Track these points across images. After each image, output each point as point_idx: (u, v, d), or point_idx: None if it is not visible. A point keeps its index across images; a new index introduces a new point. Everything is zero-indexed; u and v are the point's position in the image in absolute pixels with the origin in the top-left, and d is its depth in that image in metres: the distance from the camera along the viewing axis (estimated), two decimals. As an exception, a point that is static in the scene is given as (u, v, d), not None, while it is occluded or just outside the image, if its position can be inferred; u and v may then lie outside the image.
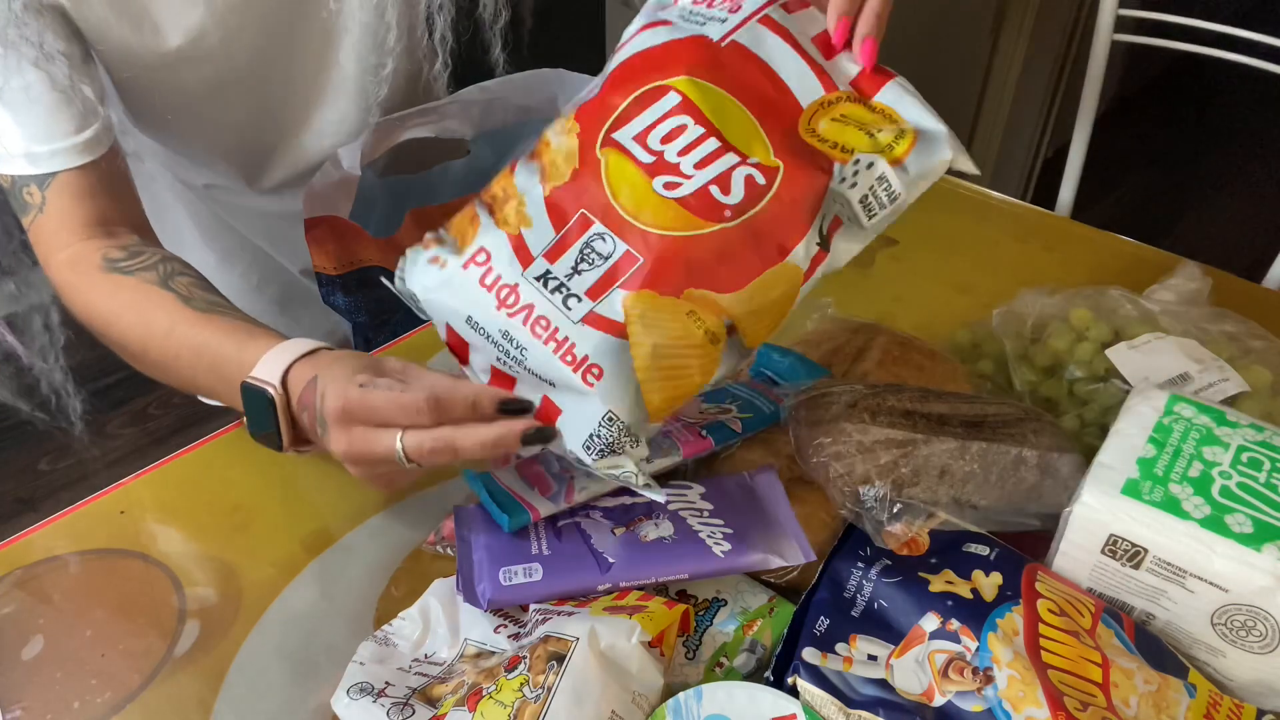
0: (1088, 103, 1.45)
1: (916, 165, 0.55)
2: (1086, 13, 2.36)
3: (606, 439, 0.53)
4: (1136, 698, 0.50)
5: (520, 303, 0.54)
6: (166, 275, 0.70)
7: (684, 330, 0.52)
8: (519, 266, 0.54)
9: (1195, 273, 0.80)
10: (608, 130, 0.55)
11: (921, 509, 0.59)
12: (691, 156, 0.54)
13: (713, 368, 0.54)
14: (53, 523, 0.71)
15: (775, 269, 0.53)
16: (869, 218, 0.55)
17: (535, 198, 0.55)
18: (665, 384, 0.53)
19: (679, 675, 0.55)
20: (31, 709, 0.59)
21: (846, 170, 0.54)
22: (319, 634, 0.63)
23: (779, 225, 0.53)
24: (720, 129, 0.54)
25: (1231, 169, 2.96)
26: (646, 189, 0.53)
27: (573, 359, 0.53)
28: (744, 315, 0.53)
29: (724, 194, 0.53)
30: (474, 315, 0.55)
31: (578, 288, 0.53)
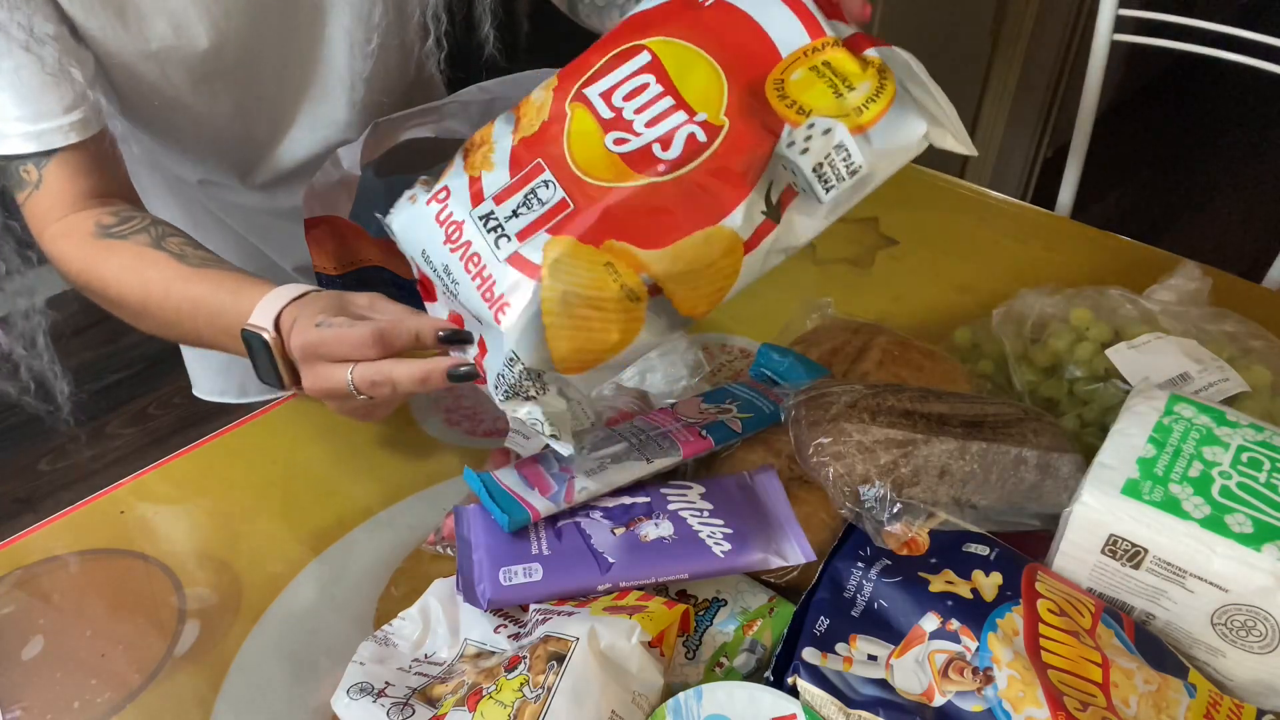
0: (1088, 103, 1.45)
1: (884, 136, 0.51)
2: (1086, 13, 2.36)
3: (509, 380, 0.53)
4: (1136, 698, 0.50)
5: (462, 239, 0.55)
6: (158, 237, 0.71)
7: (599, 281, 0.51)
8: (469, 205, 0.55)
9: (1195, 273, 0.80)
10: (580, 86, 0.55)
11: (921, 509, 0.59)
12: (645, 115, 0.53)
13: (634, 328, 0.52)
14: (53, 523, 0.71)
15: (707, 231, 0.51)
16: (825, 190, 0.52)
17: (504, 146, 0.56)
18: (574, 333, 0.52)
19: (679, 675, 0.55)
20: (31, 709, 0.59)
21: (798, 134, 0.51)
22: (319, 634, 0.63)
23: (714, 186, 0.51)
24: (679, 88, 0.53)
25: (1231, 169, 2.96)
26: (598, 143, 0.53)
27: (490, 296, 0.53)
28: (668, 276, 0.52)
29: (664, 150, 0.52)
30: (427, 249, 0.57)
31: (511, 229, 0.53)
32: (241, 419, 0.80)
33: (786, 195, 0.53)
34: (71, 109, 0.70)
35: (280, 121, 0.86)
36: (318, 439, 0.79)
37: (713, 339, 0.88)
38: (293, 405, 0.82)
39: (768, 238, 0.53)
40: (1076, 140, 1.48)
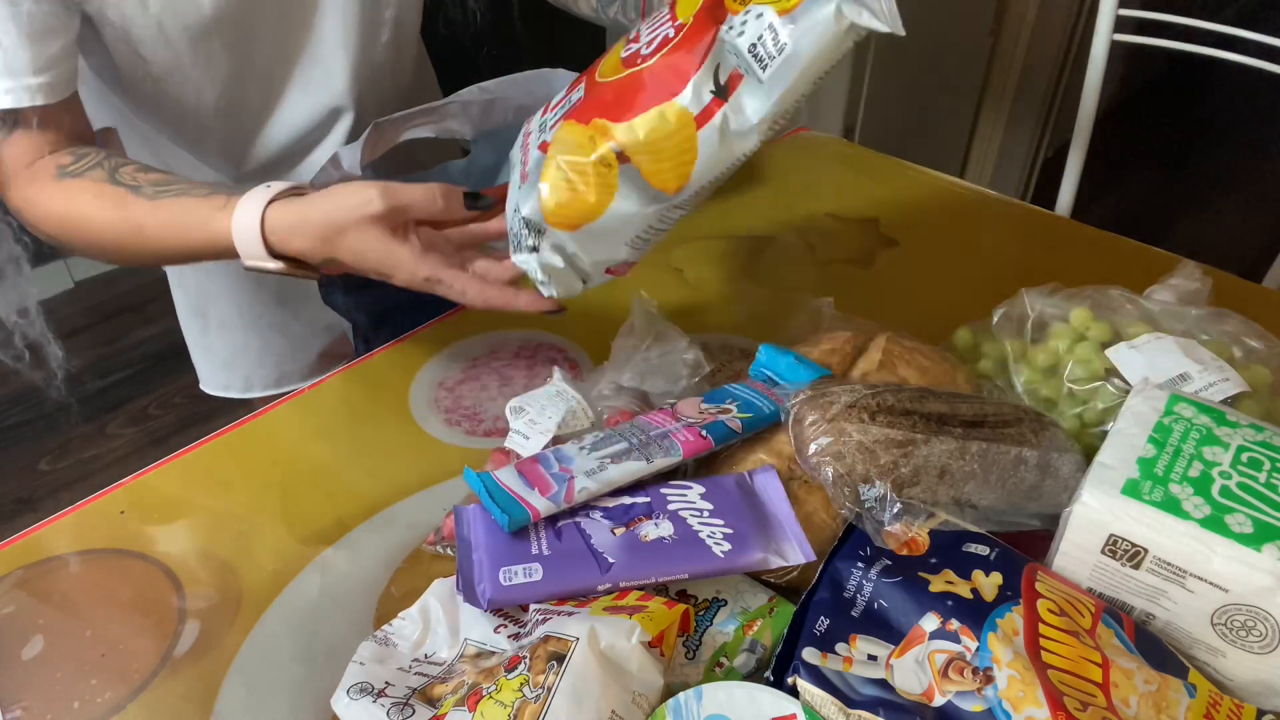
0: (1088, 103, 1.45)
1: (805, 15, 0.57)
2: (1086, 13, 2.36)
3: (514, 230, 0.67)
4: (1136, 698, 0.50)
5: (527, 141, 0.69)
6: (112, 170, 0.73)
7: (582, 149, 0.63)
8: (539, 116, 0.70)
9: (1195, 273, 0.79)
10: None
11: (921, 509, 0.59)
12: (651, 28, 0.65)
13: (608, 192, 0.63)
14: (53, 523, 0.71)
15: (662, 106, 0.61)
16: (761, 69, 0.59)
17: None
18: (561, 192, 0.64)
19: (679, 675, 0.55)
20: (31, 709, 0.59)
21: (735, 20, 0.60)
22: (319, 634, 0.63)
23: (671, 70, 0.62)
24: (677, 5, 0.64)
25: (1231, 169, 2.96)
26: (617, 53, 0.66)
27: (523, 174, 0.67)
28: (632, 144, 0.62)
29: (646, 49, 0.64)
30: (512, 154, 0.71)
31: (549, 123, 0.67)
32: (241, 419, 0.80)
33: (734, 78, 0.61)
34: (43, 70, 0.71)
35: (274, 88, 0.86)
36: (318, 439, 0.79)
37: (713, 339, 0.88)
38: (293, 405, 0.82)
39: (717, 114, 0.61)
40: (1076, 140, 1.48)
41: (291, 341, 1.03)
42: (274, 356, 1.04)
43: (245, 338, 1.02)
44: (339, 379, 0.85)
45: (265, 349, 1.03)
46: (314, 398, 0.83)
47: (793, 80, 0.59)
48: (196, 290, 1.01)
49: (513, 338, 0.89)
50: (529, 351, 0.87)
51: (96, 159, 0.74)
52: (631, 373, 0.75)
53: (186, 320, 1.05)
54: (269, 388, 1.06)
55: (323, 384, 0.85)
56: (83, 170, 0.73)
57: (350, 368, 0.87)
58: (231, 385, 1.06)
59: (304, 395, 0.83)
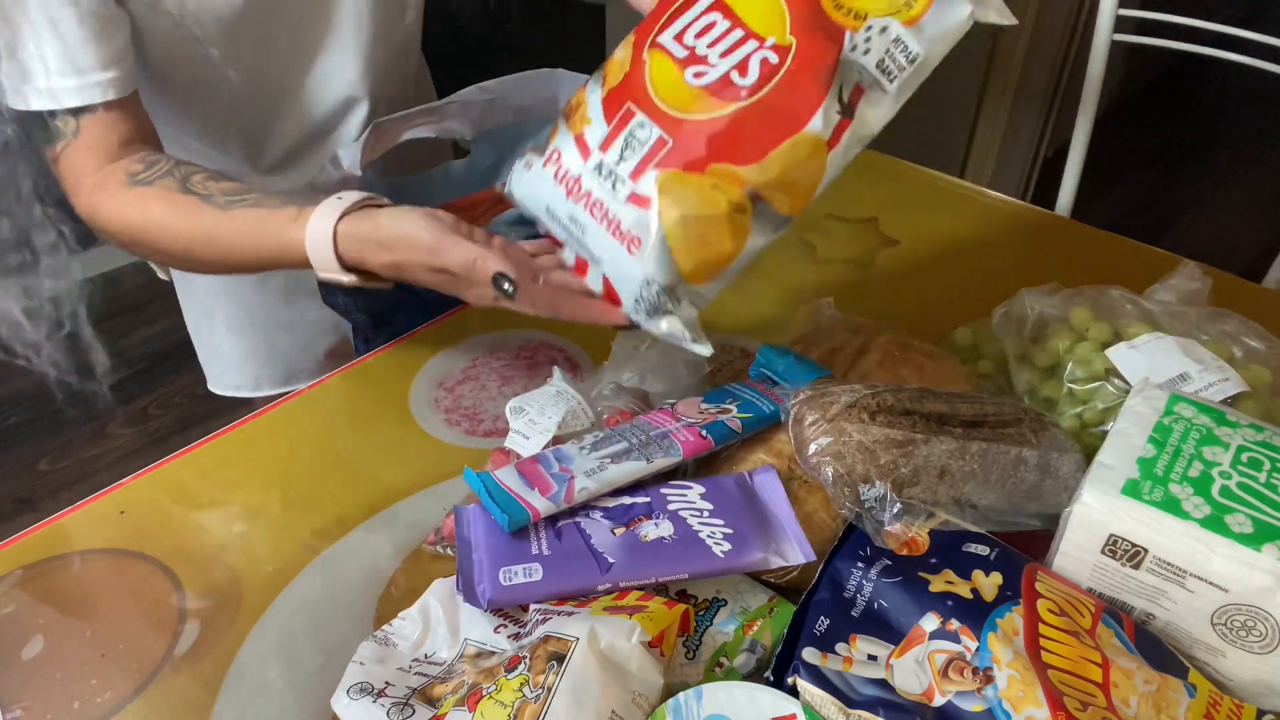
0: (1088, 103, 1.45)
1: (934, 23, 0.58)
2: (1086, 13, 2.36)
3: (649, 299, 0.61)
4: (1136, 698, 0.50)
5: (582, 190, 0.62)
6: (184, 179, 0.73)
7: (709, 201, 0.59)
8: (580, 159, 0.62)
9: (1195, 273, 0.80)
10: (654, 35, 0.62)
11: (921, 509, 0.59)
12: (719, 47, 0.60)
13: (743, 234, 0.60)
14: (53, 523, 0.71)
15: (794, 139, 0.58)
16: (890, 81, 0.59)
17: (595, 101, 0.63)
18: (696, 249, 0.60)
19: (679, 675, 0.55)
20: (31, 709, 0.59)
21: (858, 38, 0.58)
22: (319, 634, 0.63)
23: (793, 98, 0.58)
24: (744, 18, 0.60)
25: (1231, 169, 2.96)
26: (679, 80, 0.60)
27: (619, 234, 0.60)
28: (766, 184, 0.59)
29: (742, 76, 0.59)
30: (551, 205, 0.65)
31: (623, 172, 0.60)
32: (241, 419, 0.80)
33: (855, 93, 0.59)
34: (110, 65, 0.71)
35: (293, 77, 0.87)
36: (318, 439, 0.79)
37: (713, 339, 0.88)
38: (293, 405, 0.82)
39: (846, 133, 0.59)
40: (1076, 140, 1.48)
41: (299, 339, 1.03)
42: (282, 355, 1.04)
43: (253, 338, 1.02)
44: (339, 379, 0.85)
45: (273, 348, 1.03)
46: (314, 398, 0.83)
47: (916, 84, 0.60)
48: (204, 292, 1.01)
49: (513, 338, 0.89)
50: (529, 351, 0.87)
51: (167, 166, 0.74)
52: (631, 373, 0.75)
53: (195, 322, 1.05)
54: (278, 386, 1.06)
55: (323, 384, 0.85)
56: (154, 178, 0.73)
57: (350, 368, 0.87)
58: (241, 385, 1.06)
59: (304, 395, 0.83)
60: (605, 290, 0.64)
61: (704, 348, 0.63)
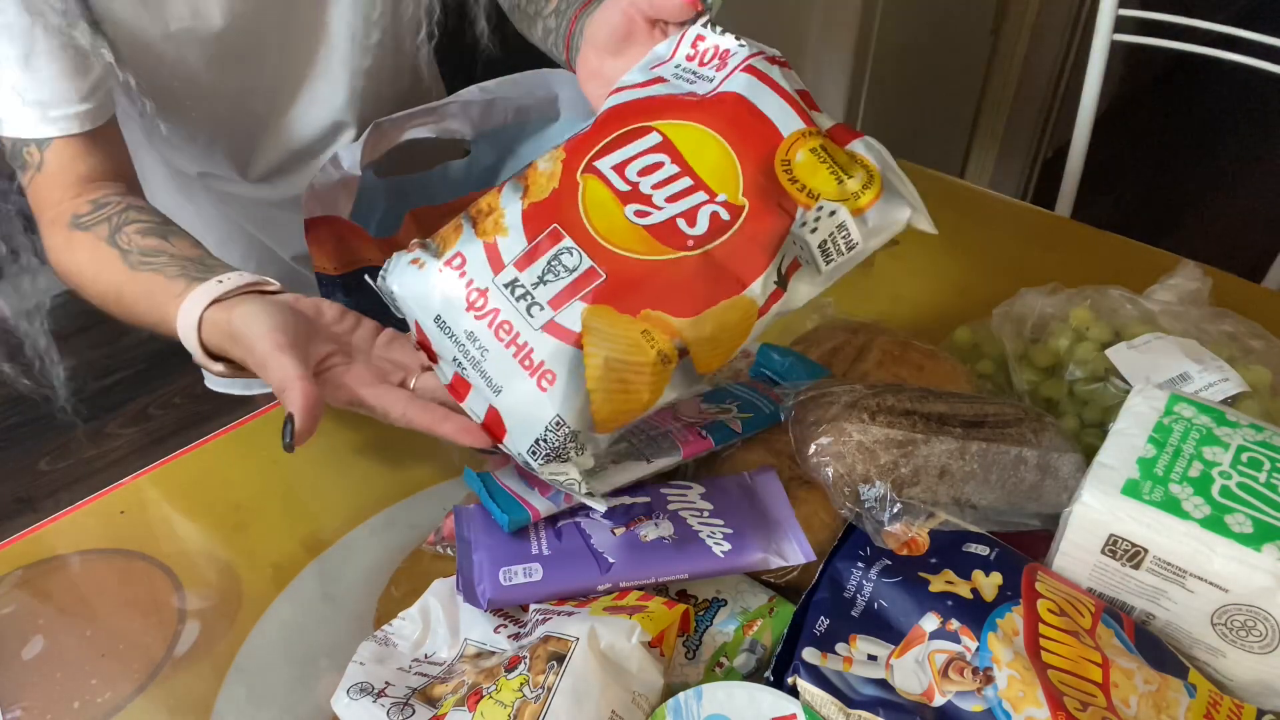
0: (1088, 103, 1.45)
1: (877, 218, 0.58)
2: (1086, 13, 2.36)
3: (553, 443, 0.55)
4: (1136, 698, 0.50)
5: (488, 306, 0.56)
6: (115, 229, 0.71)
7: (637, 347, 0.54)
8: (490, 273, 0.56)
9: (1195, 273, 0.80)
10: (590, 159, 0.58)
11: (921, 509, 0.59)
12: (664, 191, 0.57)
13: (660, 388, 0.55)
14: (53, 523, 0.71)
15: (731, 300, 0.55)
16: (826, 263, 0.58)
17: (514, 211, 0.58)
18: (614, 396, 0.55)
19: (679, 675, 0.55)
20: (31, 709, 0.59)
21: (809, 215, 0.57)
22: (319, 634, 0.63)
23: (738, 260, 0.56)
24: (694, 168, 0.57)
25: (1231, 169, 2.96)
26: (618, 213, 0.56)
27: (530, 364, 0.55)
28: (696, 340, 0.55)
29: (690, 226, 0.56)
30: (443, 315, 0.58)
31: (541, 297, 0.55)
32: (241, 419, 0.80)
33: (792, 267, 0.58)
34: (84, 98, 0.70)
35: (281, 100, 0.87)
36: (318, 439, 0.78)
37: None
38: (293, 405, 0.82)
39: (776, 304, 0.57)
40: (1076, 140, 1.48)
41: None
42: None
43: None
44: (339, 379, 0.85)
45: None
46: (314, 398, 0.83)
47: (844, 271, 0.59)
48: None
49: (513, 338, 0.89)
50: (529, 351, 0.87)
51: (109, 213, 0.71)
52: (631, 373, 0.75)
53: None
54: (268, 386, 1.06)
55: (323, 384, 0.85)
56: (91, 224, 0.71)
57: (350, 368, 0.87)
58: (234, 382, 1.07)
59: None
60: (489, 420, 0.57)
61: (600, 503, 0.58)
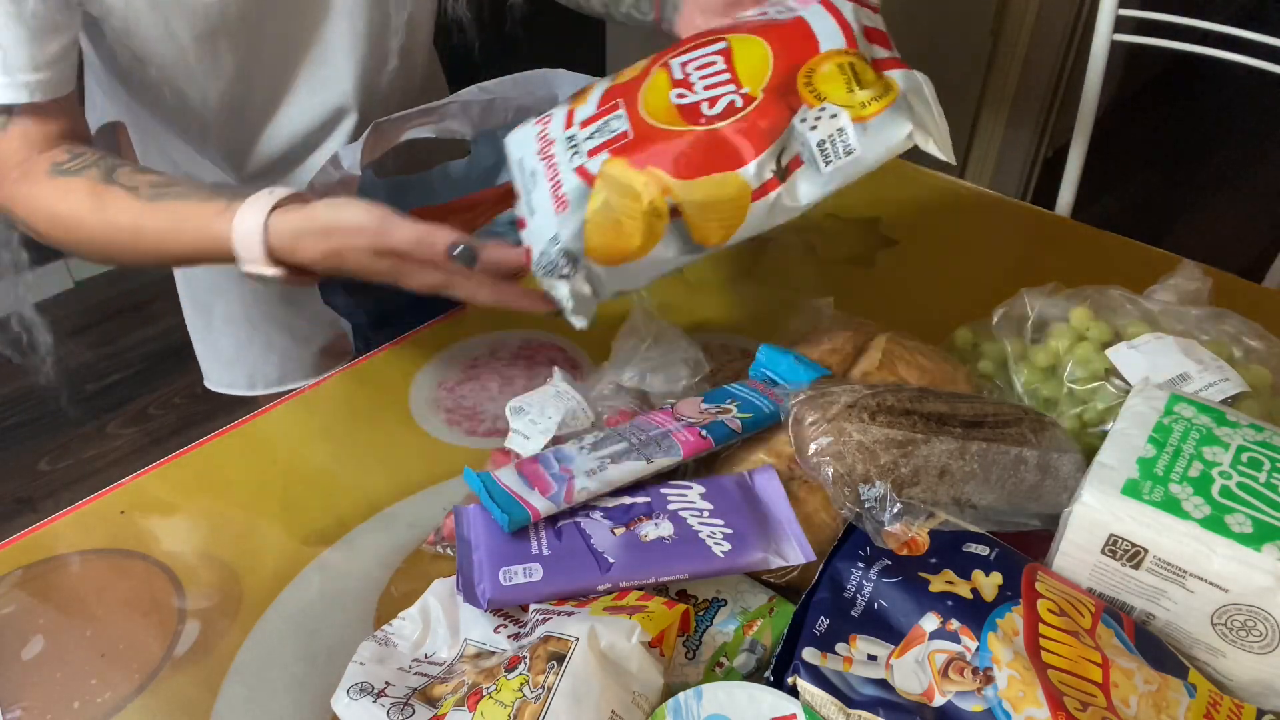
0: (1088, 103, 1.45)
1: (879, 129, 0.63)
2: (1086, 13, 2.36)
3: (550, 257, 0.66)
4: (1136, 698, 0.50)
5: (550, 151, 0.69)
6: (107, 171, 0.72)
7: (634, 195, 0.65)
8: (562, 128, 0.70)
9: (1195, 273, 0.79)
10: (670, 56, 0.70)
11: (921, 509, 0.59)
12: (706, 81, 0.67)
13: (653, 239, 0.65)
14: (53, 523, 0.71)
15: (724, 174, 0.64)
16: (825, 164, 0.64)
17: (601, 88, 0.71)
18: (606, 230, 0.65)
19: (679, 675, 0.55)
20: (31, 709, 0.59)
21: (809, 114, 0.64)
22: (319, 634, 0.63)
23: (739, 141, 0.64)
24: (736, 67, 0.67)
25: (1231, 169, 2.96)
26: (665, 93, 0.67)
27: (557, 196, 0.67)
28: (688, 202, 0.64)
29: (710, 108, 0.65)
30: (524, 158, 0.71)
31: (584, 147, 0.67)
32: (241, 419, 0.80)
33: (794, 163, 0.64)
34: (42, 67, 0.70)
35: (279, 88, 0.86)
36: (318, 439, 0.79)
37: (713, 339, 0.88)
38: (293, 405, 0.82)
39: (772, 193, 0.64)
40: (1076, 140, 1.48)
41: (295, 338, 1.03)
42: (277, 353, 1.04)
43: (249, 334, 1.02)
44: (339, 379, 0.85)
45: (269, 345, 1.03)
46: (314, 398, 0.83)
47: (850, 178, 0.64)
48: (202, 286, 1.01)
49: (513, 338, 0.89)
50: (529, 351, 0.87)
51: (93, 158, 0.73)
52: (631, 373, 0.75)
53: (191, 316, 1.05)
54: (272, 385, 1.06)
55: (323, 384, 0.85)
56: (78, 169, 0.72)
57: (350, 368, 0.87)
58: (236, 382, 1.06)
59: (304, 395, 0.83)
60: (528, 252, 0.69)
61: (581, 320, 0.68)
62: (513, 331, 0.90)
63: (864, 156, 0.63)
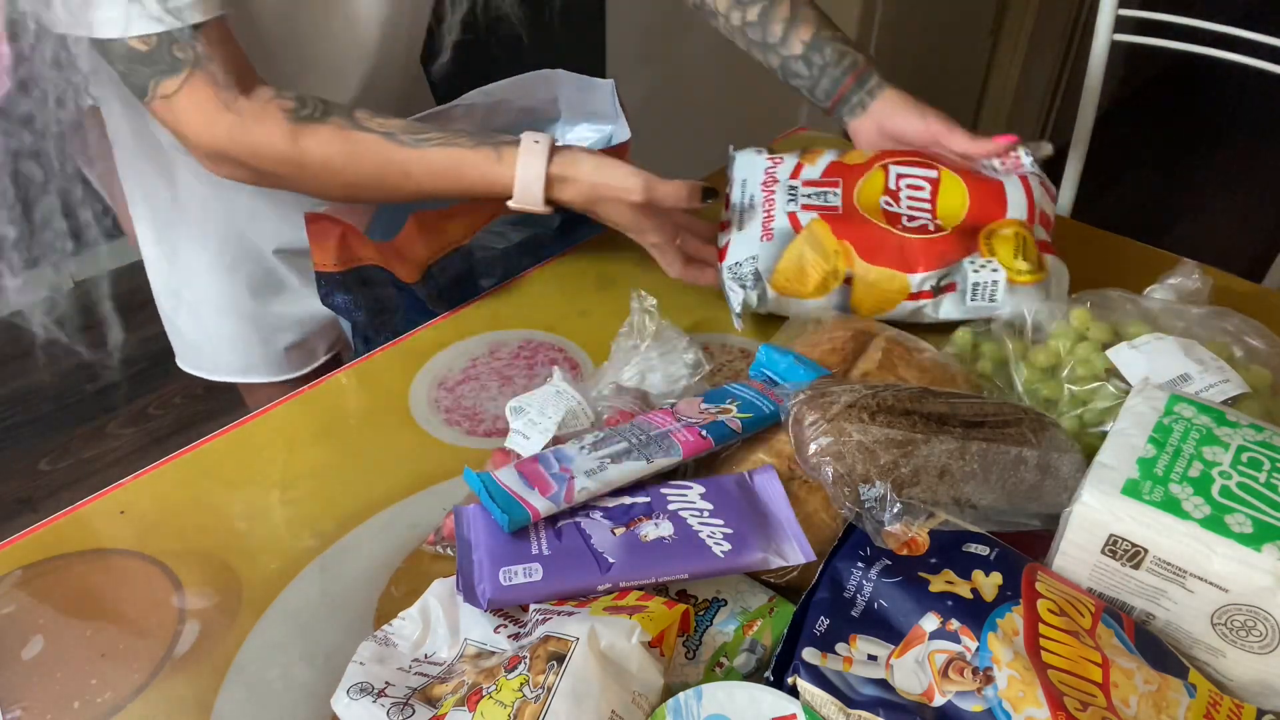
0: (1088, 103, 1.45)
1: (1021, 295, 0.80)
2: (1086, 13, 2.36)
3: (744, 267, 0.84)
4: (1136, 698, 0.50)
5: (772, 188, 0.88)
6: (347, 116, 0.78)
7: (825, 254, 0.83)
8: (789, 176, 0.88)
9: (1195, 272, 0.79)
10: (889, 160, 0.88)
11: (921, 509, 0.59)
12: (910, 198, 0.86)
13: (821, 292, 0.83)
14: (53, 523, 0.71)
15: (895, 272, 0.82)
16: (970, 299, 0.82)
17: (829, 157, 0.90)
18: (792, 271, 0.83)
19: (679, 675, 0.55)
20: (31, 709, 0.59)
21: (979, 260, 0.82)
22: (319, 634, 0.63)
23: (918, 255, 0.82)
24: (939, 201, 0.85)
25: (1231, 169, 2.96)
26: (876, 196, 0.86)
27: (768, 227, 0.85)
28: (861, 279, 0.82)
29: (908, 222, 0.84)
30: (749, 181, 0.90)
31: (801, 201, 0.86)
32: (241, 419, 0.80)
33: (949, 287, 0.83)
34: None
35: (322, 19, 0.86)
36: (318, 439, 0.79)
37: (713, 339, 0.88)
38: (293, 405, 0.82)
39: (922, 301, 0.83)
40: (1076, 140, 1.48)
41: (260, 333, 1.03)
42: (242, 345, 1.04)
43: (216, 322, 1.02)
44: (339, 379, 0.85)
45: (235, 336, 1.03)
46: (314, 398, 0.83)
47: (977, 316, 0.81)
48: (172, 272, 1.01)
49: (513, 338, 0.89)
50: (529, 351, 0.87)
51: (317, 104, 0.77)
52: (631, 373, 0.75)
53: (161, 296, 1.05)
54: (235, 375, 1.06)
55: (323, 384, 0.85)
56: (316, 116, 0.77)
57: (350, 368, 0.87)
58: (201, 366, 1.06)
59: (304, 395, 0.83)
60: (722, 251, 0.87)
61: (739, 322, 0.85)
62: (512, 331, 0.90)
63: (1000, 308, 0.80)
